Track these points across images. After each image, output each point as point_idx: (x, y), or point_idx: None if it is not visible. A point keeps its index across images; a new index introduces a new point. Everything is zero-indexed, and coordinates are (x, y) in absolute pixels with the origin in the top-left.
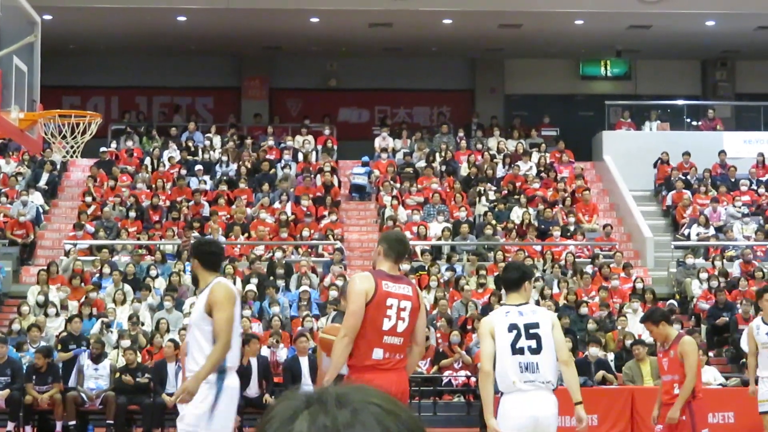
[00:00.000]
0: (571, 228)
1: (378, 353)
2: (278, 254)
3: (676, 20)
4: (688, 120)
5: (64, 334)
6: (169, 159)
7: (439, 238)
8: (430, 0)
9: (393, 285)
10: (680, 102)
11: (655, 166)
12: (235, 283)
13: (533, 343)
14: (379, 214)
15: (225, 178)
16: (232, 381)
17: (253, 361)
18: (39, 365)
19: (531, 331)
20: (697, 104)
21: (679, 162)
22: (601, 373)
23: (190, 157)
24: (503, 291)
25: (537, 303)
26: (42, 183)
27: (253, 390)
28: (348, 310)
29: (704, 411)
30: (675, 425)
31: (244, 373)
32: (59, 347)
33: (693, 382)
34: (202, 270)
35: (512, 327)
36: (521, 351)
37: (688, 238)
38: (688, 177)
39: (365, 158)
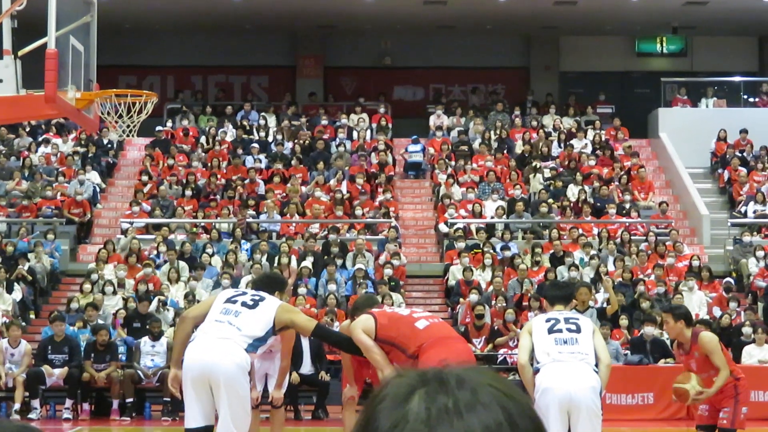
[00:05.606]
0: (627, 206)
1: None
2: (333, 233)
3: None
4: (745, 97)
5: (131, 311)
6: (221, 139)
7: (494, 216)
8: None
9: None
10: (737, 79)
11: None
12: (290, 261)
13: (572, 326)
14: (434, 192)
15: (280, 156)
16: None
17: (304, 339)
18: (101, 341)
19: (571, 320)
20: (754, 81)
21: (736, 139)
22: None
23: (245, 136)
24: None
25: (593, 281)
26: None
27: (306, 368)
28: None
29: (746, 390)
30: (719, 405)
31: (295, 351)
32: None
33: (727, 373)
34: None
35: (550, 319)
36: (559, 330)
37: (744, 215)
38: (745, 154)
39: (415, 136)
